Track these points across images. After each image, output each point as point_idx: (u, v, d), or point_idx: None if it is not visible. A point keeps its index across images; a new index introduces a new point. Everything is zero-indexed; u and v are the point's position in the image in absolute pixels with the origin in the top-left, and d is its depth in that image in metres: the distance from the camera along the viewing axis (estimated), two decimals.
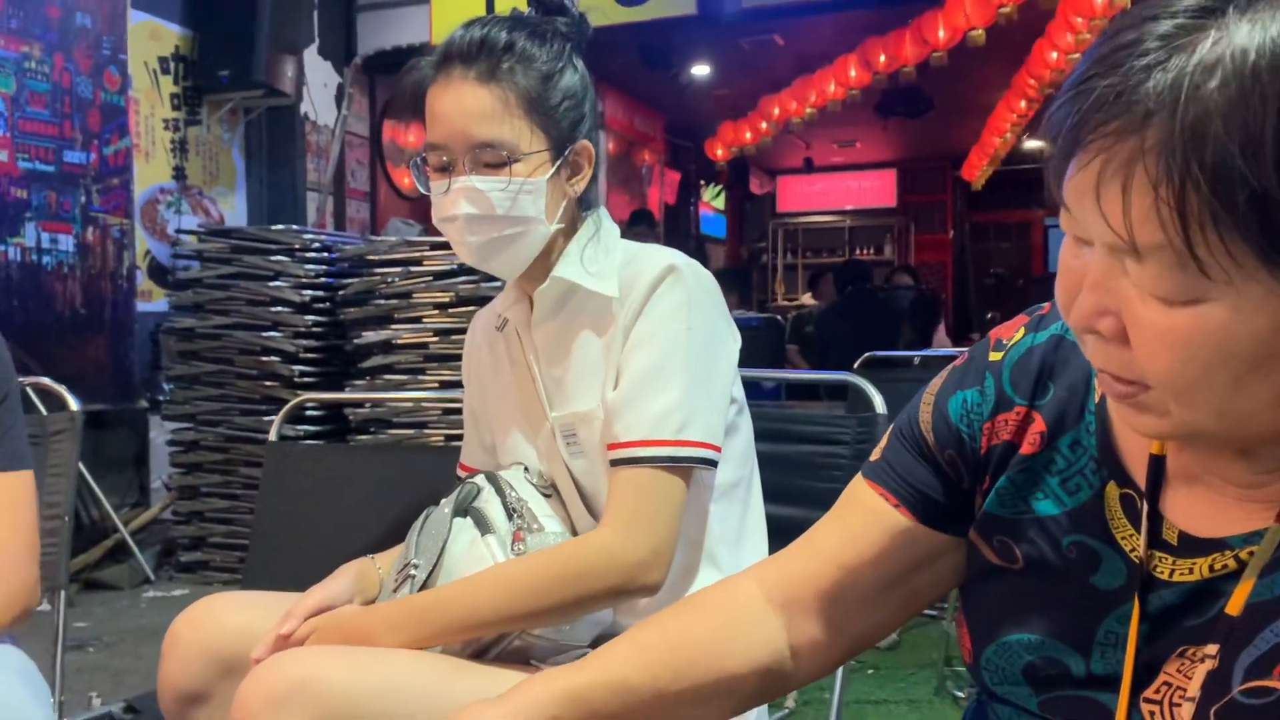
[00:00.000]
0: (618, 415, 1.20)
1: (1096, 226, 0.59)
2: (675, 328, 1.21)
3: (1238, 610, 0.64)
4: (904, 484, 0.82)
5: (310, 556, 1.79)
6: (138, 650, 3.30)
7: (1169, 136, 0.55)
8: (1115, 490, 0.73)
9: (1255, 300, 0.56)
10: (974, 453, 0.79)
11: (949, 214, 12.37)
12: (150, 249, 4.94)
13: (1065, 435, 0.76)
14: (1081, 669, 0.72)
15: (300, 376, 4.04)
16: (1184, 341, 0.58)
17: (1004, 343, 0.80)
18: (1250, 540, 0.66)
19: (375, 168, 6.43)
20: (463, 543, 1.21)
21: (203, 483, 4.23)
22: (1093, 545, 0.73)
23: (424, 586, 1.21)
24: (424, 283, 3.85)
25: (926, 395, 0.83)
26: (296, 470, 1.92)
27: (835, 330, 5.94)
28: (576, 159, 1.28)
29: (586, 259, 1.27)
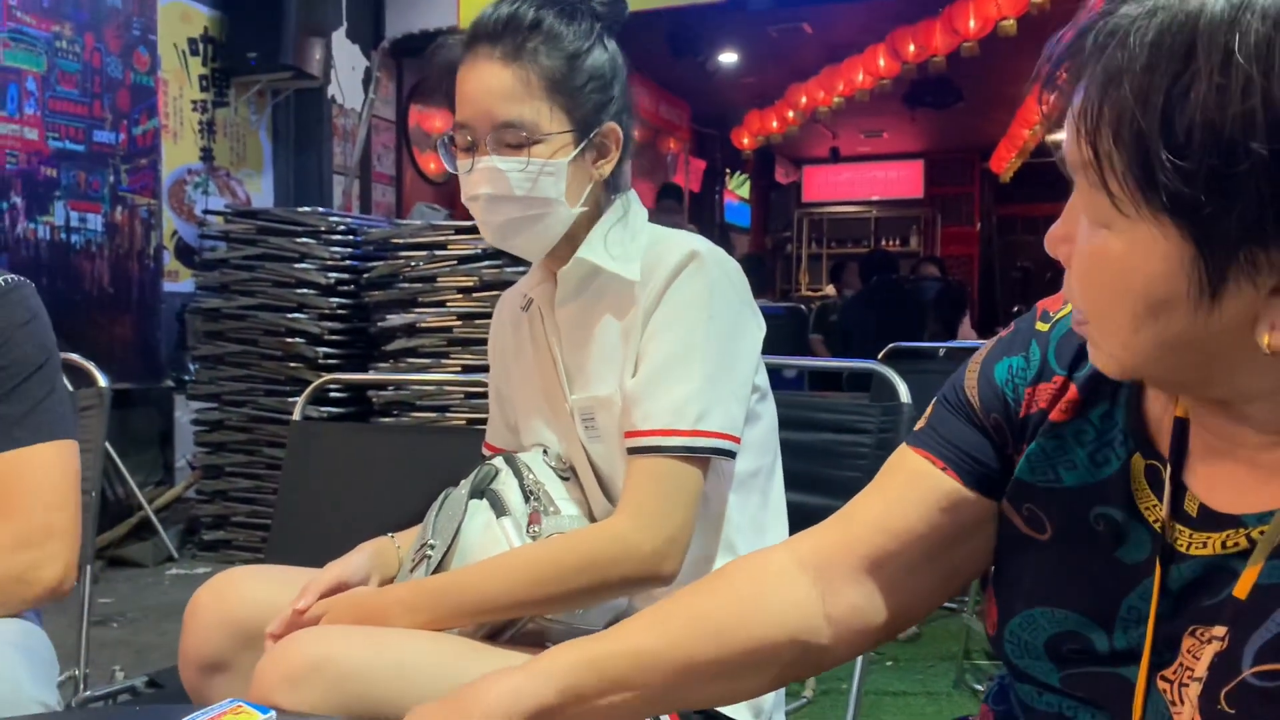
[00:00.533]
0: (636, 403, 1.20)
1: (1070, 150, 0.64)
2: (697, 315, 1.20)
3: (1244, 593, 0.65)
4: (952, 447, 0.81)
5: (332, 535, 1.80)
6: (160, 626, 3.33)
7: (1096, 71, 0.61)
8: (1141, 461, 0.74)
9: (1147, 240, 0.61)
10: (1016, 416, 0.79)
11: (976, 206, 12.27)
12: (177, 229, 4.98)
13: (1098, 407, 0.76)
14: (1105, 645, 0.73)
15: (324, 358, 4.06)
16: (1093, 264, 0.64)
17: (1051, 315, 0.81)
18: (1264, 519, 0.66)
19: (401, 152, 6.44)
20: (478, 524, 1.21)
21: (227, 462, 4.26)
22: (1118, 517, 0.74)
23: (439, 567, 1.21)
24: (448, 267, 3.85)
25: (972, 364, 0.83)
26: (320, 449, 1.93)
27: (860, 320, 5.91)
28: (604, 141, 1.27)
29: (611, 241, 1.26)
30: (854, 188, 12.58)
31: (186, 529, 4.50)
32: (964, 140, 11.27)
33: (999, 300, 11.87)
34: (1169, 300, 0.61)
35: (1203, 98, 0.56)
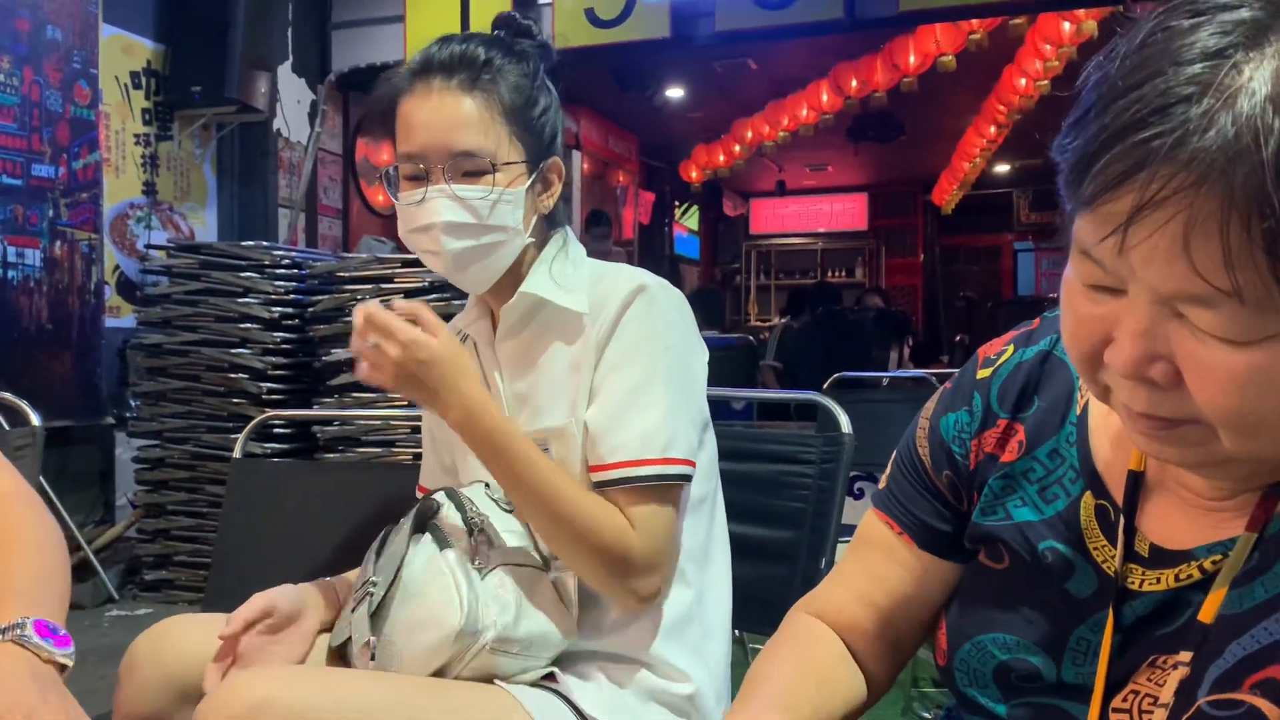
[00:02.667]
0: (602, 438, 1.21)
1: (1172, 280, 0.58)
2: (653, 347, 1.22)
3: (1210, 617, 0.66)
4: (908, 513, 0.84)
5: (274, 576, 1.77)
6: (100, 670, 3.24)
7: (1260, 177, 0.54)
8: (1091, 500, 0.75)
9: None
10: (965, 469, 0.81)
11: (919, 237, 12.48)
12: (119, 264, 4.90)
13: (1045, 445, 0.78)
14: (1052, 674, 0.74)
15: (268, 394, 4.01)
16: (1255, 381, 0.58)
17: (991, 360, 0.82)
18: (1214, 550, 0.68)
19: (348, 185, 6.41)
20: (421, 559, 1.21)
21: (169, 500, 4.19)
22: (1066, 553, 0.75)
23: (381, 604, 1.20)
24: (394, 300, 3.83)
25: (922, 420, 0.85)
26: (262, 487, 1.91)
27: (807, 350, 5.97)
28: (548, 175, 1.29)
29: (555, 273, 1.28)
30: (800, 220, 12.74)
31: (127, 569, 4.41)
32: (906, 173, 11.47)
33: (942, 329, 12.04)
34: None
35: None
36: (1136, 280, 0.59)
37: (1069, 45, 5.97)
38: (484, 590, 1.18)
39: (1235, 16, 0.57)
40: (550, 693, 1.20)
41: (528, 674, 1.21)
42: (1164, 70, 0.57)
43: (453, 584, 1.16)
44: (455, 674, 1.18)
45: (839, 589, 0.91)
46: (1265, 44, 0.55)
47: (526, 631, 1.18)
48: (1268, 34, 0.56)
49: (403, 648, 1.16)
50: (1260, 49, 0.55)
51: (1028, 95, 6.85)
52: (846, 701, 0.86)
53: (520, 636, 1.18)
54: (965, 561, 0.83)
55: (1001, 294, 12.30)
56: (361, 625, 1.20)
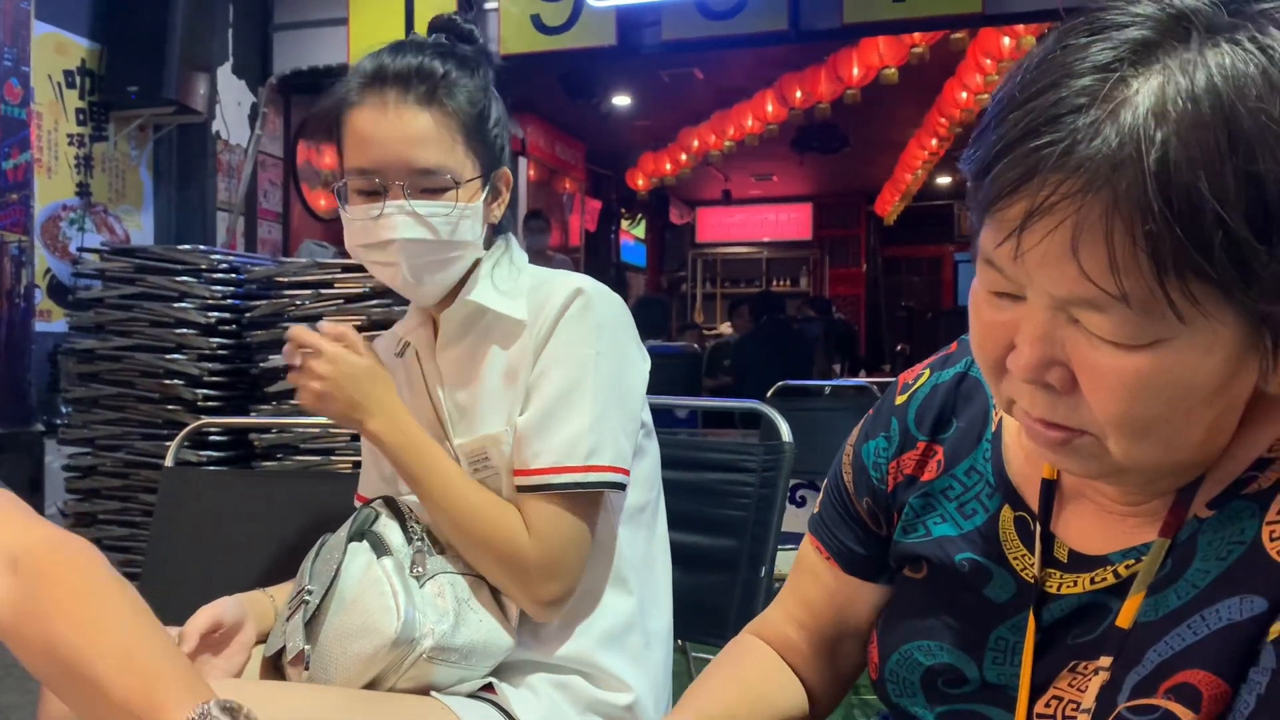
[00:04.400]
0: (527, 442, 1.20)
1: (1063, 284, 0.59)
2: (584, 352, 1.21)
3: (1128, 623, 0.67)
4: (832, 537, 0.87)
5: (206, 588, 1.73)
6: (25, 685, 3.16)
7: (1139, 186, 0.56)
8: (1010, 513, 0.76)
9: (1209, 337, 0.59)
10: (883, 493, 0.83)
11: (863, 248, 12.62)
12: (51, 267, 4.78)
13: (962, 463, 0.79)
14: (975, 675, 0.75)
15: (204, 400, 3.93)
16: (1144, 383, 0.60)
17: (909, 385, 0.84)
18: (1129, 555, 0.69)
19: (289, 188, 6.32)
20: (358, 566, 1.19)
21: (100, 509, 4.08)
22: (984, 563, 0.76)
23: (317, 611, 1.18)
24: (334, 306, 3.78)
25: (847, 448, 0.87)
26: (194, 497, 1.87)
27: (752, 358, 6.00)
28: (497, 185, 1.29)
29: (498, 279, 1.27)
30: (746, 229, 12.82)
31: None
32: (850, 184, 11.61)
33: (884, 339, 12.18)
34: (1228, 382, 0.61)
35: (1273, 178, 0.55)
36: (1033, 285, 0.61)
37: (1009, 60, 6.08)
38: (421, 599, 1.16)
39: (1126, 35, 0.59)
40: (487, 704, 1.18)
41: (465, 684, 1.19)
42: (1059, 83, 0.59)
43: (389, 591, 1.15)
44: (391, 684, 1.16)
45: (776, 611, 0.94)
46: (1153, 61, 0.58)
47: (465, 640, 1.17)
48: (1155, 51, 0.58)
49: (338, 656, 1.14)
50: (1148, 65, 0.58)
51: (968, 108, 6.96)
52: (776, 713, 0.88)
53: (459, 645, 1.16)
54: (889, 583, 0.86)
55: (942, 304, 12.48)
56: (296, 634, 1.18)
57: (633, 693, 1.23)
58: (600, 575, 1.26)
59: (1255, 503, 0.65)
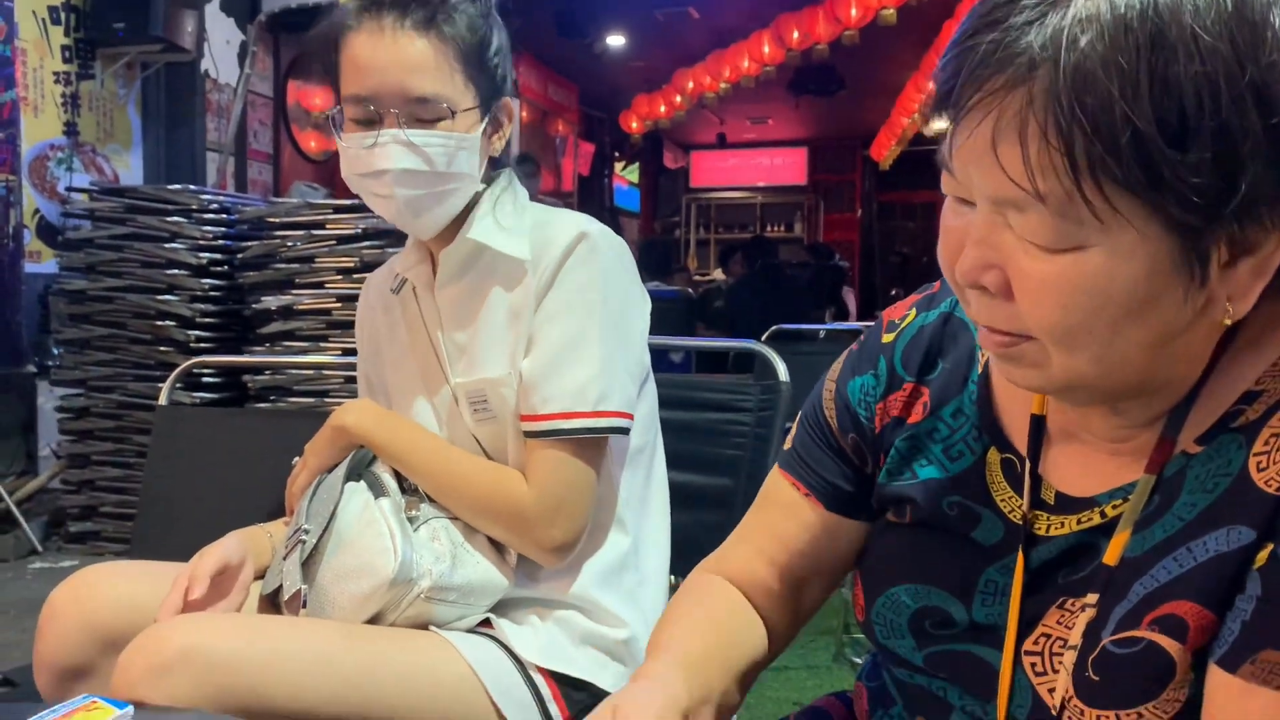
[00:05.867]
0: (535, 388, 1.19)
1: (989, 182, 0.61)
2: (591, 297, 1.19)
3: (1115, 560, 0.67)
4: (814, 474, 0.85)
5: (201, 525, 1.73)
6: (22, 623, 3.18)
7: (1054, 85, 0.57)
8: (996, 455, 0.76)
9: (1129, 246, 0.59)
10: (870, 433, 0.82)
11: (858, 193, 12.55)
12: (39, 207, 4.73)
13: (949, 405, 0.79)
14: (964, 616, 0.75)
15: (196, 342, 3.92)
16: (1065, 288, 0.60)
17: (896, 324, 0.83)
18: (1115, 495, 0.70)
19: (279, 129, 6.25)
20: (355, 506, 1.19)
21: (94, 450, 4.09)
22: (972, 506, 0.76)
23: (314, 552, 1.18)
24: (326, 247, 3.76)
25: (828, 382, 0.86)
26: (189, 435, 1.86)
27: (745, 304, 5.99)
28: (498, 116, 1.26)
29: (500, 216, 1.25)
30: (740, 174, 12.73)
31: (51, 521, 4.30)
32: (846, 128, 11.51)
33: (878, 284, 12.17)
34: (1153, 298, 0.60)
35: (1193, 85, 0.55)
36: (973, 186, 0.63)
37: None
38: (418, 540, 1.16)
39: None
40: (486, 638, 1.19)
41: (464, 621, 1.20)
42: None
43: (387, 532, 1.15)
44: (390, 621, 1.17)
45: (741, 547, 0.92)
46: None
47: (463, 580, 1.17)
48: None
49: (335, 596, 1.15)
50: None
51: None
52: (747, 654, 0.87)
53: (457, 584, 1.17)
54: (870, 520, 0.85)
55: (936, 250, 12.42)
56: (293, 574, 1.18)
57: (628, 628, 1.24)
58: (605, 515, 1.26)
59: (1243, 435, 0.65)
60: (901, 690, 0.82)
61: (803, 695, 2.62)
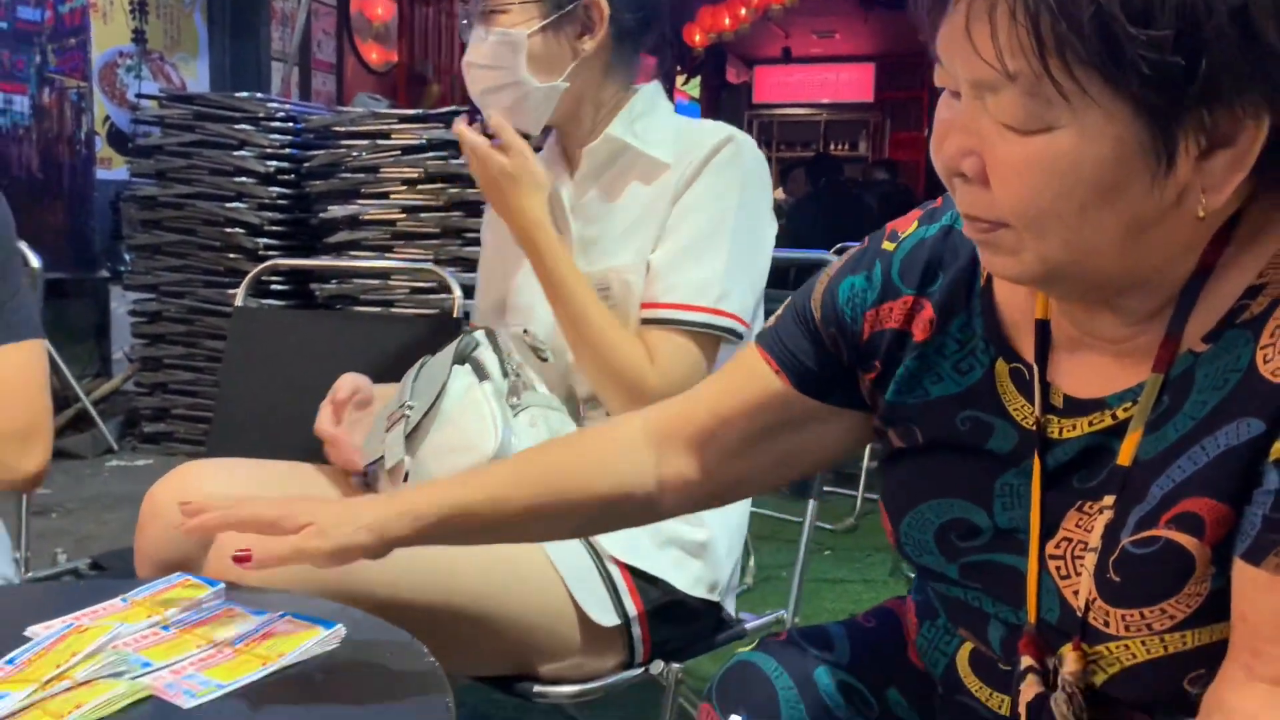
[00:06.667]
0: (660, 276, 1.24)
1: (966, 66, 0.63)
2: (729, 200, 1.24)
3: (1128, 460, 0.68)
4: (786, 352, 0.86)
5: (274, 423, 1.78)
6: (101, 517, 3.30)
7: None
8: (1005, 366, 0.77)
9: (1097, 126, 0.60)
10: (854, 335, 0.82)
11: (925, 111, 12.24)
12: (109, 114, 4.80)
13: (955, 319, 0.79)
14: (986, 523, 0.76)
15: (264, 249, 3.97)
16: (1034, 169, 0.62)
17: (899, 234, 0.83)
18: (1125, 398, 0.70)
19: (342, 39, 6.23)
20: (459, 387, 1.23)
21: (165, 354, 4.19)
22: (985, 418, 0.77)
23: (417, 428, 1.22)
24: (391, 157, 3.77)
25: (824, 275, 0.86)
26: (263, 336, 1.90)
27: (809, 222, 5.93)
28: (586, 15, 1.28)
29: (644, 119, 1.30)
30: (804, 90, 12.47)
31: (126, 421, 4.44)
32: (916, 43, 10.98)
33: None
34: (1121, 183, 0.61)
35: None
36: (955, 73, 0.65)
37: None
38: (517, 424, 1.21)
39: None
40: None
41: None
42: None
43: (488, 413, 1.20)
44: None
45: (688, 400, 0.94)
46: None
47: None
48: None
49: (434, 471, 1.19)
50: None
51: None
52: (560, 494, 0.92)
53: None
54: (837, 404, 0.86)
55: None
56: (396, 447, 1.22)
57: (707, 529, 1.27)
58: None
59: (1249, 329, 0.65)
60: (944, 603, 0.83)
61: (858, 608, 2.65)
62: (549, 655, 1.19)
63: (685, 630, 1.29)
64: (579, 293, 1.25)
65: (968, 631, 0.81)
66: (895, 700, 0.89)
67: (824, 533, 3.10)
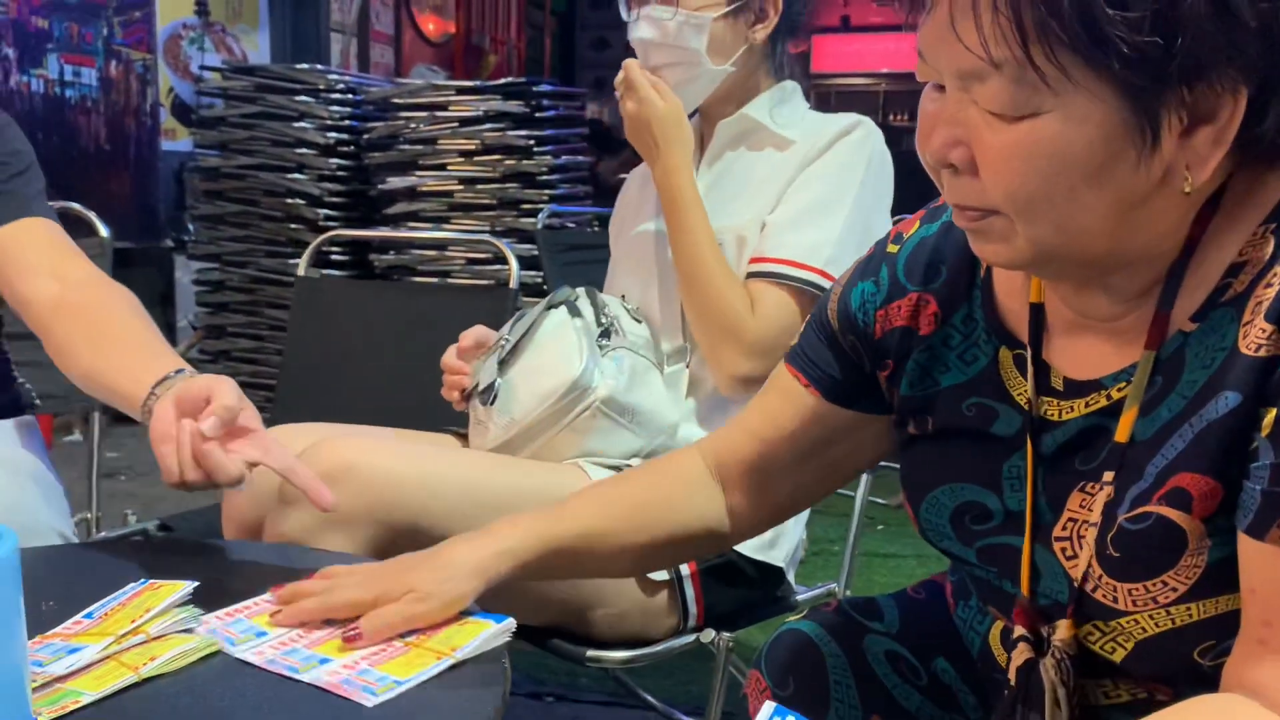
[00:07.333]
0: (774, 234, 1.29)
1: (952, 58, 0.64)
2: (852, 175, 1.30)
3: (1125, 436, 0.70)
4: (814, 366, 0.89)
5: (337, 389, 1.82)
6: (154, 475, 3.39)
7: None
8: (1008, 354, 0.79)
9: (1081, 109, 0.62)
10: (869, 338, 0.85)
11: None
12: (173, 86, 4.88)
13: (958, 311, 0.81)
14: (998, 505, 0.78)
15: (325, 220, 4.03)
16: (1023, 154, 0.63)
17: (902, 236, 0.86)
18: (1120, 378, 0.71)
19: (400, 10, 6.27)
20: (553, 321, 1.31)
21: (229, 323, 4.27)
22: (989, 404, 0.79)
23: (512, 353, 1.30)
24: (449, 129, 3.79)
25: (836, 287, 0.89)
26: (325, 305, 1.94)
27: None
28: (762, 5, 1.36)
29: (776, 114, 1.37)
30: (864, 59, 12.30)
31: None
32: None
33: None
34: (1108, 163, 0.62)
35: None
36: (940, 67, 0.66)
37: None
38: (603, 361, 1.27)
39: None
40: None
41: (619, 449, 1.27)
42: None
43: (576, 342, 1.27)
44: (560, 427, 1.26)
45: (735, 428, 0.96)
46: None
47: (636, 400, 1.27)
48: None
49: (520, 391, 1.26)
50: None
51: None
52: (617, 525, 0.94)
53: (628, 402, 1.26)
54: (867, 410, 0.88)
55: None
56: (490, 370, 1.30)
57: None
58: None
59: (1234, 307, 0.66)
60: (974, 582, 0.85)
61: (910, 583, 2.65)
62: (600, 606, 1.22)
63: (739, 595, 1.31)
64: (701, 238, 1.30)
65: (996, 610, 0.83)
66: (943, 669, 0.90)
67: (877, 507, 3.09)
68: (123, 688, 0.72)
